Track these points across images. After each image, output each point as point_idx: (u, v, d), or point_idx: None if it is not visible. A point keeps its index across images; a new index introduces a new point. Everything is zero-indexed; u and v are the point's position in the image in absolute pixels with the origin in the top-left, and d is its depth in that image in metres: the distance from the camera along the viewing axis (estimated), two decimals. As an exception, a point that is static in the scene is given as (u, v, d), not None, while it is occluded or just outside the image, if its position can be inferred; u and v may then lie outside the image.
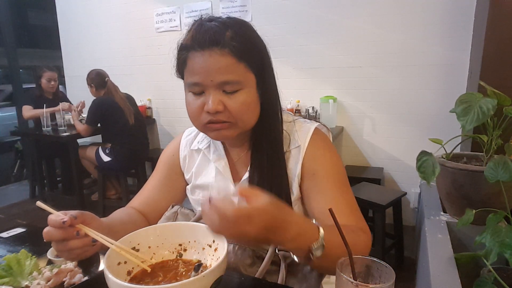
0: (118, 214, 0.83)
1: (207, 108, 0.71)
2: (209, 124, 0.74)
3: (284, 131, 0.82)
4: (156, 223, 0.87)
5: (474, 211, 1.15)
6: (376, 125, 2.70)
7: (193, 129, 0.95)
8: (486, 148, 1.27)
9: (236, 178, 0.86)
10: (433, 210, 1.54)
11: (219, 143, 0.88)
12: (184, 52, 0.73)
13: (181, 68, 0.76)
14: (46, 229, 0.59)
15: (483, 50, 1.67)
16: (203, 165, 0.90)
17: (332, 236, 0.63)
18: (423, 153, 1.23)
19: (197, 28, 0.72)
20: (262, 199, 0.52)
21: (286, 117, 0.85)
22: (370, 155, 2.75)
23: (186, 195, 0.95)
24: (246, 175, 0.82)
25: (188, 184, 0.94)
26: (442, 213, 1.50)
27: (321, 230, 0.59)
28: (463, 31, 2.29)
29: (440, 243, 1.24)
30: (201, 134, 0.91)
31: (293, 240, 0.57)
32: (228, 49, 0.69)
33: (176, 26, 3.32)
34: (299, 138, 0.81)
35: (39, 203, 0.63)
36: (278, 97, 0.82)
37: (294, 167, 0.80)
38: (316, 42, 2.75)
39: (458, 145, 1.35)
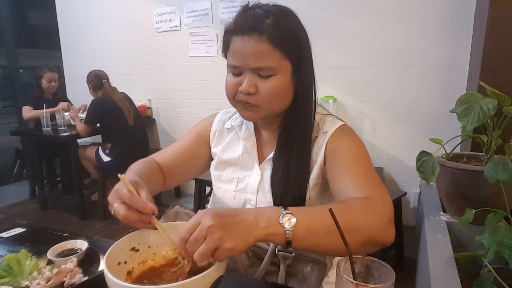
0: (143, 170, 0.84)
1: (241, 88, 0.77)
2: (240, 103, 0.79)
3: (315, 121, 0.86)
4: (170, 183, 0.94)
5: (474, 211, 1.14)
6: (376, 125, 2.70)
7: (230, 110, 1.00)
8: (486, 148, 1.27)
9: (261, 158, 0.90)
10: (433, 210, 1.54)
11: (250, 123, 0.92)
12: (228, 36, 0.79)
13: (225, 50, 0.81)
14: (125, 213, 0.63)
15: (483, 50, 1.66)
16: (232, 142, 0.95)
17: (307, 209, 0.66)
18: (423, 153, 1.23)
19: (241, 14, 0.77)
20: None
21: (321, 110, 0.90)
22: (370, 155, 2.72)
23: (206, 168, 1.00)
24: (271, 155, 0.87)
25: (212, 160, 0.98)
26: (442, 213, 1.50)
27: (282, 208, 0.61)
28: (463, 31, 2.29)
29: (440, 243, 1.24)
30: (236, 114, 0.96)
31: (257, 219, 0.58)
32: (265, 36, 0.73)
33: (176, 26, 3.32)
34: (327, 126, 0.85)
35: (121, 176, 0.66)
36: (314, 87, 0.86)
37: (319, 149, 0.84)
38: (316, 42, 2.70)
39: (458, 145, 1.35)
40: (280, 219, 0.58)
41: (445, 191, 1.38)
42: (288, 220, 0.58)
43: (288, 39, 0.75)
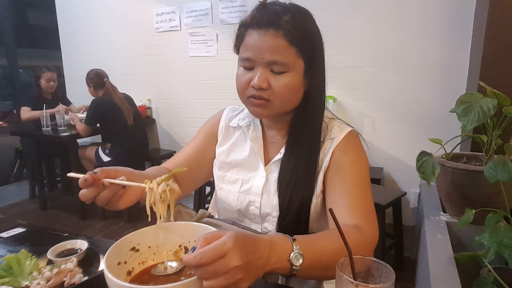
0: (152, 171, 0.86)
1: (253, 83, 0.76)
2: (251, 98, 0.78)
3: (323, 123, 0.85)
4: (186, 188, 0.91)
5: (473, 211, 1.15)
6: (376, 125, 2.70)
7: (236, 107, 0.99)
8: (485, 148, 1.27)
9: (266, 159, 0.89)
10: (433, 210, 1.54)
11: (258, 124, 0.92)
12: (243, 29, 0.78)
13: (238, 44, 0.81)
14: (80, 192, 0.63)
15: (482, 50, 1.66)
16: (239, 143, 0.94)
17: (315, 244, 0.65)
18: (423, 154, 1.23)
19: (259, 8, 0.77)
20: (223, 233, 0.53)
21: (327, 113, 0.88)
22: (370, 155, 2.75)
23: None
24: (277, 157, 0.86)
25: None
26: (442, 213, 1.50)
27: (292, 239, 0.61)
28: (463, 31, 2.30)
29: (440, 243, 1.25)
30: (243, 113, 0.95)
31: (270, 255, 0.57)
32: (282, 32, 0.73)
33: (176, 26, 3.32)
34: (335, 132, 0.84)
35: (70, 174, 0.66)
36: (324, 89, 0.85)
37: (325, 155, 0.83)
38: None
39: (458, 145, 1.35)
40: (290, 257, 0.60)
41: (445, 191, 1.38)
42: (297, 259, 0.60)
43: (304, 38, 0.76)
